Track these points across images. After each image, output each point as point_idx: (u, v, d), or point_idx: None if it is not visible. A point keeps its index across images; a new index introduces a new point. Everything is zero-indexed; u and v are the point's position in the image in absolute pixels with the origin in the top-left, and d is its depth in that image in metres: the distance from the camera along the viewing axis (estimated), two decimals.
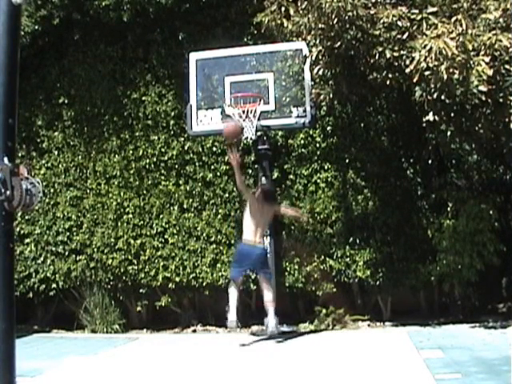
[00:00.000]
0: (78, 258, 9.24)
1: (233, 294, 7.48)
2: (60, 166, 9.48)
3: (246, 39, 8.93)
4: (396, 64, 6.87)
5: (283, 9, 7.75)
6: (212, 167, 9.02)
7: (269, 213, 7.69)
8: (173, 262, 8.98)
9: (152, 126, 9.22)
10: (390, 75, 7.04)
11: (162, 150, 9.14)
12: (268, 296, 7.56)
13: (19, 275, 9.07)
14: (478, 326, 7.76)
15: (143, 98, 9.25)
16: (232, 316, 7.41)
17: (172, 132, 9.17)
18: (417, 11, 6.83)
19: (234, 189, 8.90)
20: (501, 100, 6.68)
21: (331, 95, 7.56)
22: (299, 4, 7.42)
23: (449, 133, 7.07)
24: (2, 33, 2.47)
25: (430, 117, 6.83)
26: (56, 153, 9.53)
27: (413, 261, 8.47)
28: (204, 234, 8.95)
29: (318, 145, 8.78)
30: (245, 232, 7.55)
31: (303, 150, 8.82)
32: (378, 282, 8.55)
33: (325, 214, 8.68)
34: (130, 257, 9.08)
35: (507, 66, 6.53)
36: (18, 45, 2.56)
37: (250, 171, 8.94)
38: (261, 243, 7.60)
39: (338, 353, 6.80)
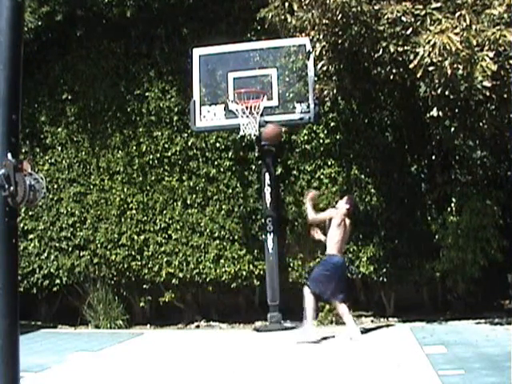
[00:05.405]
0: (81, 254, 9.26)
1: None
2: (63, 161, 9.50)
3: (249, 35, 8.92)
4: (400, 59, 6.85)
5: (287, 4, 7.72)
6: (215, 163, 9.02)
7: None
8: (176, 257, 8.99)
9: (155, 121, 9.22)
10: (393, 70, 7.03)
11: (166, 145, 9.14)
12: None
13: (23, 271, 9.11)
14: (481, 323, 7.76)
15: (146, 94, 9.25)
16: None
17: (175, 128, 9.16)
18: (421, 6, 6.80)
19: (238, 184, 8.91)
20: (505, 95, 6.65)
21: (335, 91, 7.56)
22: None
23: (452, 129, 7.04)
24: (6, 28, 2.47)
25: (434, 112, 6.81)
26: (59, 149, 9.55)
27: (416, 257, 8.46)
28: (207, 230, 8.95)
29: (321, 141, 8.77)
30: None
31: (307, 145, 8.81)
32: (381, 278, 8.55)
33: None
34: (133, 252, 9.09)
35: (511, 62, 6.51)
36: (22, 40, 2.55)
37: (254, 167, 8.93)
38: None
39: (341, 348, 6.80)
